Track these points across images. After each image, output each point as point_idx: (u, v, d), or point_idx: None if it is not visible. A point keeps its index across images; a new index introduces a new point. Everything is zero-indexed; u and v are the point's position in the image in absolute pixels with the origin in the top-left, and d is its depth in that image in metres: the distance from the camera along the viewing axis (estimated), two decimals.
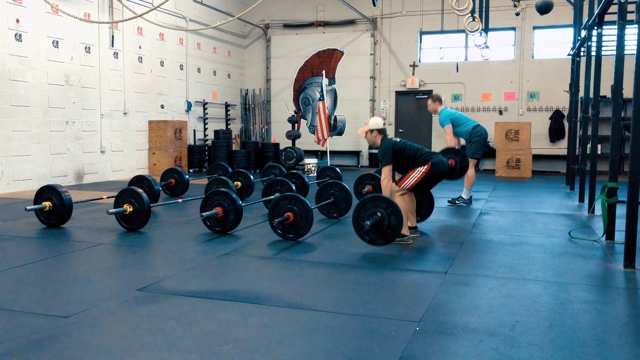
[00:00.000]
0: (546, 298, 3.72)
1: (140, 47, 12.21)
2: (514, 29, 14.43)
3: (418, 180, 5.34)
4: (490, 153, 14.27)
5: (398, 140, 5.54)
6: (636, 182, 4.33)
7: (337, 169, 9.15)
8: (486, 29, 11.53)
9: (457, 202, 8.08)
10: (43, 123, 9.84)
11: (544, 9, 10.56)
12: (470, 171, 7.91)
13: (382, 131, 5.56)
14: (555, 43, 14.24)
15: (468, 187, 8.05)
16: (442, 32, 14.32)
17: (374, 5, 10.16)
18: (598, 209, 6.90)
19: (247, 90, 16.62)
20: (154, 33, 12.57)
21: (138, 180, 7.77)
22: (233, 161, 13.56)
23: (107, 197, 7.22)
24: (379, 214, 4.98)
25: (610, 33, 7.57)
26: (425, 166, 5.33)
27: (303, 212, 5.40)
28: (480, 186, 10.46)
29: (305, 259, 4.81)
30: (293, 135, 13.85)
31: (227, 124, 15.80)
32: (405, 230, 5.35)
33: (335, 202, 6.76)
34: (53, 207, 6.08)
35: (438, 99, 8.35)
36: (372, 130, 5.53)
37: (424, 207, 6.21)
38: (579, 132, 9.92)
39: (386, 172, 5.38)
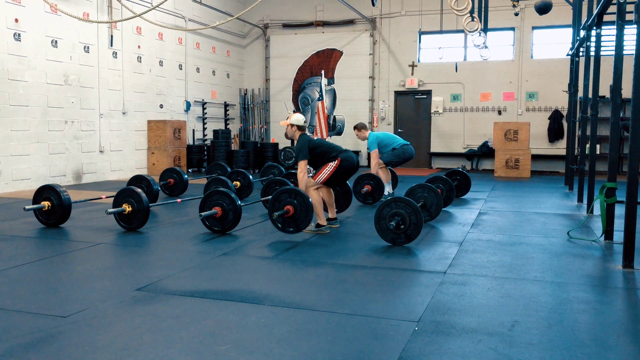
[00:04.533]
0: (545, 298, 3.72)
1: (139, 46, 12.20)
2: (513, 29, 14.44)
3: (330, 174, 5.84)
4: (489, 153, 14.31)
5: (314, 138, 6.11)
6: (635, 182, 4.34)
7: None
8: (485, 29, 11.53)
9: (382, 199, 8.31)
10: (42, 123, 9.83)
11: (543, 9, 10.58)
12: (375, 168, 8.30)
13: (301, 128, 6.03)
14: (554, 43, 14.25)
15: (386, 182, 8.35)
16: (441, 32, 14.33)
17: (373, 5, 10.15)
18: (597, 209, 6.92)
19: (246, 90, 16.61)
20: (153, 33, 12.56)
21: (137, 180, 7.76)
22: (232, 161, 13.55)
23: (106, 197, 7.21)
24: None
25: (609, 33, 7.58)
26: (336, 162, 5.83)
27: (303, 206, 5.48)
28: (479, 186, 10.47)
29: (305, 258, 4.81)
30: None
31: (226, 124, 15.79)
32: (322, 221, 5.85)
33: (335, 198, 6.78)
34: (52, 206, 6.07)
35: (363, 127, 8.73)
36: (292, 125, 6.01)
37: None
38: (578, 132, 9.93)
39: (302, 166, 5.85)
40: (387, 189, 8.42)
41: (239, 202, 5.78)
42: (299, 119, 6.05)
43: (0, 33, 9.00)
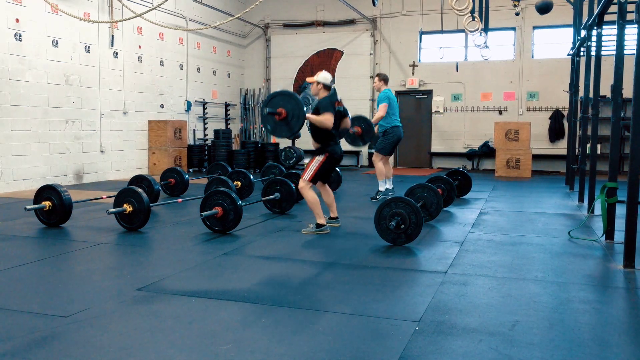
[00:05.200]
0: (546, 298, 3.72)
1: (140, 46, 12.21)
2: (513, 28, 14.43)
3: (317, 168, 5.81)
4: (490, 153, 14.31)
5: (337, 106, 5.85)
6: (636, 181, 4.33)
7: (337, 169, 9.14)
8: (486, 29, 11.54)
9: (377, 197, 8.30)
10: (43, 123, 9.84)
11: (543, 9, 10.57)
12: (378, 165, 8.22)
13: (327, 87, 5.89)
14: (555, 43, 14.24)
15: (380, 180, 8.29)
16: (441, 32, 14.34)
17: (374, 5, 10.15)
18: (598, 209, 6.91)
19: (247, 90, 16.62)
20: (153, 33, 12.57)
21: (138, 179, 7.77)
22: (233, 161, 13.55)
23: (107, 197, 7.22)
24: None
25: (610, 33, 7.57)
26: (323, 156, 5.82)
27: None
28: (480, 186, 10.46)
29: (305, 258, 4.81)
30: (293, 135, 13.82)
31: (226, 124, 15.80)
32: (322, 221, 5.82)
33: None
34: (53, 206, 6.08)
35: (384, 79, 8.54)
36: (318, 83, 5.86)
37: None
38: (579, 132, 9.92)
39: (327, 115, 5.68)
40: (386, 185, 8.40)
41: (240, 202, 5.78)
42: (326, 77, 5.86)
43: (1, 33, 9.01)
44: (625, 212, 4.44)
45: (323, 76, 5.87)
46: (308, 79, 6.06)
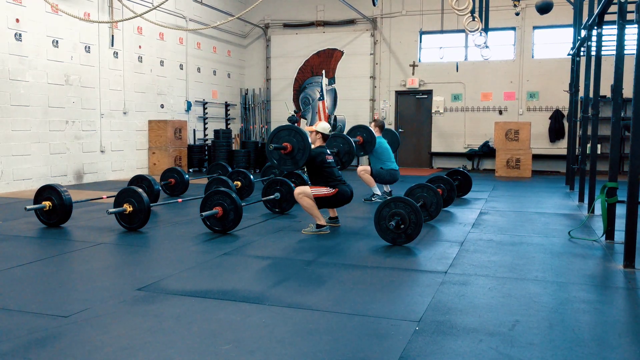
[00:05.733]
0: (546, 298, 3.72)
1: (140, 46, 12.21)
2: (513, 28, 14.43)
3: (323, 196, 5.88)
4: (490, 153, 14.30)
5: (329, 157, 6.04)
6: (636, 181, 4.33)
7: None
8: (486, 29, 11.53)
9: (372, 199, 8.30)
10: (43, 123, 9.84)
11: (543, 9, 10.56)
12: (365, 176, 8.17)
13: (324, 137, 6.18)
14: (555, 43, 14.24)
15: (373, 186, 8.27)
16: (442, 32, 14.33)
17: (374, 5, 10.14)
18: (598, 209, 6.91)
19: (247, 90, 16.62)
20: (153, 33, 12.56)
21: (138, 179, 7.77)
22: (233, 161, 13.56)
23: (107, 197, 7.22)
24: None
25: (610, 33, 7.57)
26: (333, 190, 5.89)
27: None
28: (480, 186, 10.46)
29: (305, 258, 4.81)
30: None
31: (227, 124, 15.79)
32: (321, 222, 5.88)
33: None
34: (53, 206, 6.08)
35: (380, 125, 8.58)
36: (317, 132, 6.13)
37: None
38: (579, 132, 9.92)
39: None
40: (384, 189, 8.39)
41: (240, 202, 5.78)
42: (325, 127, 6.18)
43: (1, 33, 9.01)
44: (625, 212, 4.44)
45: (322, 126, 6.17)
46: (307, 128, 6.27)
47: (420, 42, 15.23)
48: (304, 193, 5.85)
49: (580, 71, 10.11)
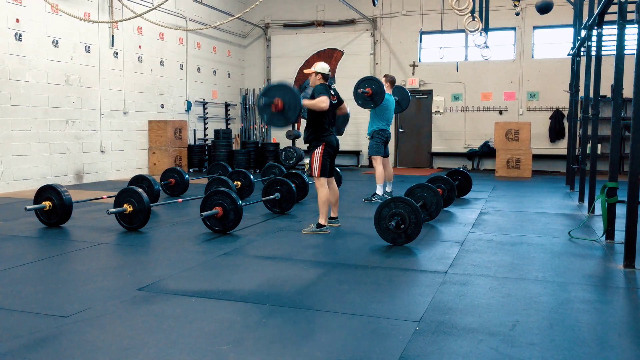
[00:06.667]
0: (546, 298, 3.72)
1: (140, 46, 12.21)
2: (514, 28, 14.43)
3: (321, 160, 5.83)
4: (490, 153, 14.30)
5: (333, 98, 5.93)
6: (636, 181, 4.33)
7: (338, 169, 9.13)
8: (486, 29, 11.53)
9: (372, 198, 8.26)
10: (43, 123, 9.84)
11: (544, 9, 10.56)
12: (378, 168, 8.14)
13: (325, 77, 5.99)
14: (555, 43, 14.24)
15: (379, 183, 8.19)
16: (442, 32, 14.32)
17: (374, 5, 10.15)
18: (598, 209, 6.90)
19: (247, 89, 16.62)
20: (154, 33, 12.56)
21: (138, 179, 7.77)
22: (233, 161, 13.55)
23: (107, 197, 7.22)
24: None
25: (610, 33, 7.57)
26: (320, 147, 5.86)
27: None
28: (480, 186, 10.46)
29: (306, 258, 4.81)
30: (293, 135, 13.83)
31: (227, 124, 15.80)
32: (324, 221, 5.84)
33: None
34: (53, 206, 6.08)
35: (391, 80, 8.52)
36: (317, 73, 5.97)
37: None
38: (579, 132, 9.92)
39: (322, 97, 5.71)
40: (385, 189, 8.27)
41: (240, 202, 5.78)
42: (324, 67, 5.99)
43: (1, 33, 9.01)
44: (625, 212, 4.44)
45: (321, 66, 5.99)
46: (305, 71, 6.13)
47: (421, 42, 15.23)
48: (317, 181, 5.86)
49: (580, 71, 10.11)
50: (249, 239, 5.59)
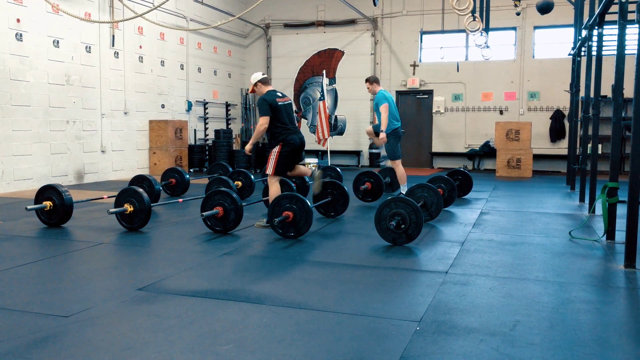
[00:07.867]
0: (546, 298, 3.72)
1: (140, 46, 12.21)
2: (514, 28, 14.42)
3: (276, 160, 5.95)
4: (491, 153, 14.30)
5: (281, 102, 6.01)
6: (637, 181, 4.33)
7: (338, 169, 9.15)
8: (487, 29, 11.53)
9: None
10: (44, 123, 9.84)
11: (544, 9, 10.56)
12: (399, 169, 8.25)
13: (264, 81, 6.13)
14: (556, 43, 14.23)
15: (403, 184, 8.28)
16: (442, 31, 14.33)
17: (375, 5, 10.15)
18: (599, 209, 6.90)
19: (248, 90, 16.60)
20: (154, 33, 12.57)
21: (138, 179, 7.76)
22: (233, 161, 13.56)
23: (108, 197, 7.22)
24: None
25: (611, 33, 7.56)
26: (277, 147, 5.96)
27: (302, 211, 5.43)
28: (481, 186, 10.46)
29: (305, 258, 4.81)
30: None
31: (227, 124, 15.80)
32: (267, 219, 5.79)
33: (332, 201, 6.80)
34: (53, 206, 6.08)
35: (375, 80, 8.37)
36: (256, 84, 6.10)
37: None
38: (580, 132, 9.92)
39: (262, 121, 5.94)
40: (404, 190, 8.21)
41: (241, 202, 5.78)
42: (254, 76, 6.14)
43: (2, 33, 9.02)
44: (626, 212, 4.44)
45: (253, 77, 6.16)
46: (250, 90, 6.28)
47: (421, 42, 15.23)
48: (269, 178, 6.02)
49: (581, 71, 10.10)
50: (250, 239, 5.59)
